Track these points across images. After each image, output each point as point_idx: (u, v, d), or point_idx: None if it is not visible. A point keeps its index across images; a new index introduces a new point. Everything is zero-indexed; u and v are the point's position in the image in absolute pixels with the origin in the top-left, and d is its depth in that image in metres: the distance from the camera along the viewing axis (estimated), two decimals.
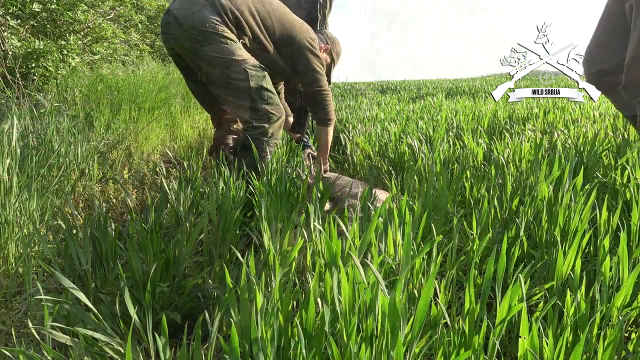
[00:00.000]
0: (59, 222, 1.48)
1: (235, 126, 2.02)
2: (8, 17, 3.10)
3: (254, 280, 0.76)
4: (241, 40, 1.69)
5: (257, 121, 1.68)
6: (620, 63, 1.60)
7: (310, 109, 2.05)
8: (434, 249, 0.98)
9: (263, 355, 0.67)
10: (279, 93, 2.13)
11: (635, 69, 1.56)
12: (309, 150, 2.29)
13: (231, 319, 0.75)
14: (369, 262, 0.72)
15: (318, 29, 2.23)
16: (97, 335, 0.76)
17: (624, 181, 1.42)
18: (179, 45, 1.67)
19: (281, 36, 1.81)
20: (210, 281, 1.17)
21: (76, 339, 0.77)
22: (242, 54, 1.65)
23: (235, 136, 2.02)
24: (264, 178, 1.52)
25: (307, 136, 2.35)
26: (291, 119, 2.23)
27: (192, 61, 1.70)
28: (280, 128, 1.78)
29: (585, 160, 1.62)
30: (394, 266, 0.96)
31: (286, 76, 1.97)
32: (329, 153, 2.59)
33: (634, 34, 1.53)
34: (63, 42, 3.37)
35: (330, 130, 2.03)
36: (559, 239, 1.05)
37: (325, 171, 2.14)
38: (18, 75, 2.81)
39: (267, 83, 1.70)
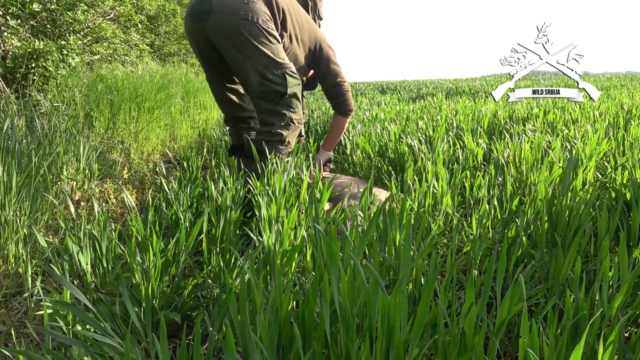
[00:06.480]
0: (58, 222, 1.48)
1: (253, 124, 1.98)
2: (8, 17, 3.10)
3: (254, 281, 0.76)
4: (282, 40, 1.67)
5: (279, 127, 1.66)
6: None
7: (332, 102, 2.09)
8: (434, 249, 0.98)
9: (261, 355, 0.67)
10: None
11: None
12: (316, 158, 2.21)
13: (227, 320, 0.75)
14: (368, 262, 0.72)
15: (310, 15, 2.19)
16: (96, 335, 0.76)
17: (624, 181, 1.42)
18: (218, 34, 1.59)
19: (308, 35, 1.84)
20: (210, 281, 1.17)
21: (76, 339, 0.77)
22: (284, 56, 1.63)
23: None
24: (264, 178, 1.52)
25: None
26: None
27: (229, 50, 1.61)
28: (296, 136, 1.75)
29: (585, 160, 1.62)
30: (393, 266, 0.96)
31: (302, 76, 1.96)
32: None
33: None
34: (63, 42, 3.37)
35: (348, 120, 2.11)
36: (558, 239, 1.05)
37: (328, 165, 2.13)
38: (18, 75, 2.81)
39: (300, 92, 1.68)
